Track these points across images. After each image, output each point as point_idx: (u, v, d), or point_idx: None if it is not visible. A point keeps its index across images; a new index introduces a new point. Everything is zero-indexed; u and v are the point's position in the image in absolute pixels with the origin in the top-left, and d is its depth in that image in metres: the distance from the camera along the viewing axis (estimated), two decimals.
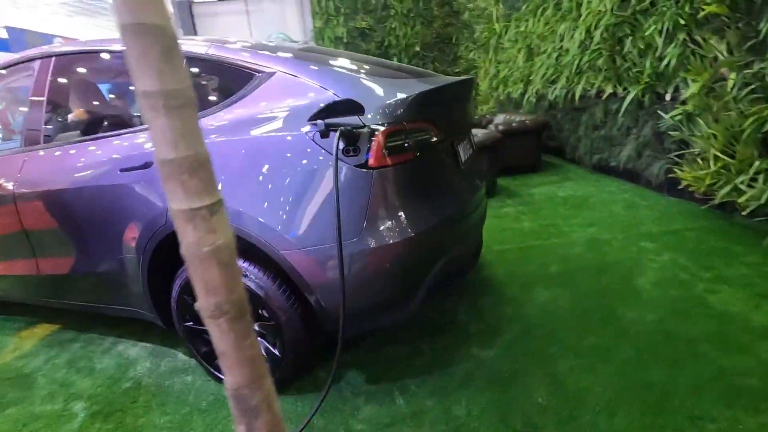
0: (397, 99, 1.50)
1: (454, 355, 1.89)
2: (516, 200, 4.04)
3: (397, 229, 1.47)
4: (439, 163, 1.70)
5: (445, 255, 1.66)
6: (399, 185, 1.49)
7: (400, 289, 1.57)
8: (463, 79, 2.07)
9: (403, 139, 1.49)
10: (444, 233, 1.64)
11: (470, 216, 1.90)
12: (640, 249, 2.75)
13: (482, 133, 4.13)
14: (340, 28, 9.59)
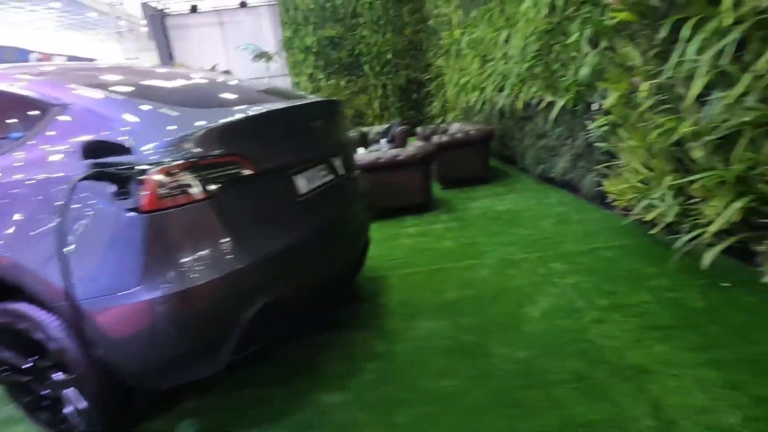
0: (184, 134, 1.37)
1: (303, 401, 1.75)
2: (450, 216, 3.89)
3: (183, 277, 1.33)
4: (257, 197, 1.55)
5: (263, 296, 1.52)
6: (185, 228, 1.35)
7: (199, 340, 1.43)
8: (313, 103, 1.95)
9: (193, 177, 1.35)
10: (260, 273, 1.50)
11: (315, 248, 1.76)
12: (549, 271, 2.59)
13: (415, 146, 3.99)
14: (310, 37, 9.51)
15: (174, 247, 1.34)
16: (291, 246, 1.62)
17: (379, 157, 3.81)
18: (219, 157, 1.42)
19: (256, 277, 1.49)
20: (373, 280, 2.78)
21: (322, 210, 1.85)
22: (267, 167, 1.57)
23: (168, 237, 1.33)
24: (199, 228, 1.38)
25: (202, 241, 1.38)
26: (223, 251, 1.41)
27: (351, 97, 10.07)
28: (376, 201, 3.87)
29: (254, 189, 1.54)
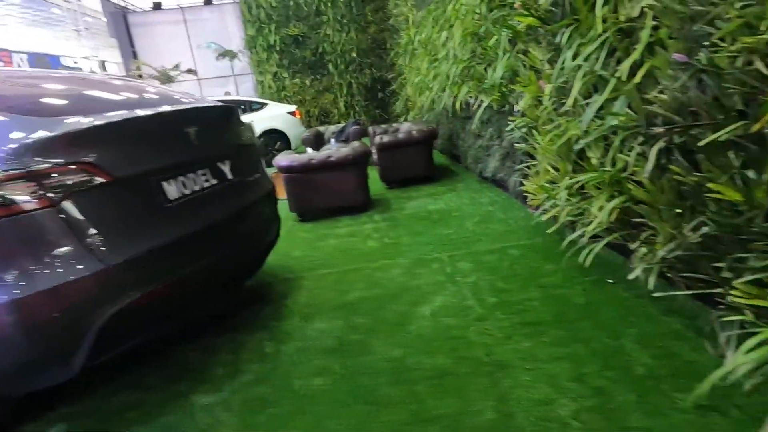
0: (24, 144, 1.38)
1: (177, 403, 1.77)
2: (383, 216, 3.94)
3: (20, 285, 1.35)
4: (113, 204, 1.57)
5: (117, 301, 1.53)
6: (22, 236, 1.36)
7: (46, 347, 1.44)
8: (191, 108, 1.97)
9: (30, 186, 1.37)
10: (111, 279, 1.51)
11: (188, 252, 1.79)
12: (455, 270, 2.66)
13: (348, 147, 4.02)
14: (273, 35, 9.46)
15: (10, 255, 1.35)
16: (153, 251, 1.64)
17: (311, 159, 3.83)
18: (61, 166, 1.43)
19: (107, 282, 1.51)
20: (287, 281, 2.82)
21: (200, 214, 1.88)
22: (125, 174, 1.59)
23: (3, 245, 1.34)
24: (40, 236, 1.39)
25: (43, 249, 1.40)
26: (67, 258, 1.43)
27: (316, 96, 10.06)
28: (312, 202, 3.91)
29: (109, 196, 1.56)
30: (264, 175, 2.50)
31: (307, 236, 3.65)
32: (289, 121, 7.70)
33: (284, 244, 3.48)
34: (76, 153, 1.47)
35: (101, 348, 1.54)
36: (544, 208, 2.75)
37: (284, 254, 3.30)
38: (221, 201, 2.01)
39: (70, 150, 1.46)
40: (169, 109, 1.85)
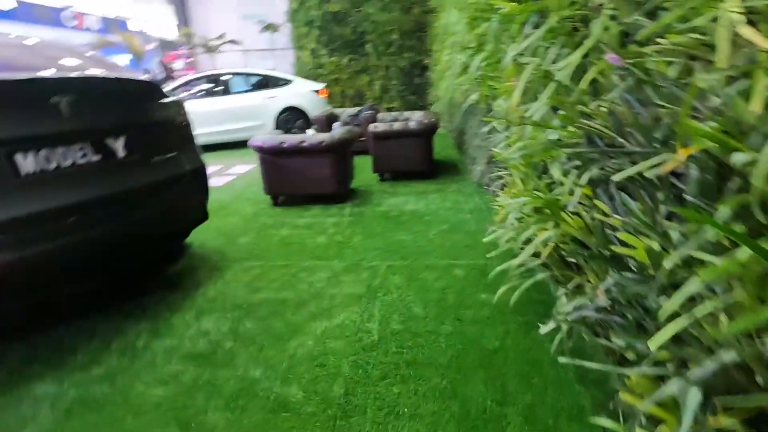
0: None
1: (13, 386, 1.69)
2: (355, 210, 3.69)
3: None
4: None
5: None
6: None
7: None
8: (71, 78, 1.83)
9: None
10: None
11: (45, 230, 1.67)
12: (383, 283, 2.37)
13: (327, 134, 3.78)
14: (314, 10, 9.28)
15: None
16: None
17: (283, 142, 3.64)
18: None
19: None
20: (213, 269, 2.67)
21: (68, 190, 1.75)
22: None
23: None
24: None
25: None
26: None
27: (352, 76, 9.81)
28: (285, 187, 3.73)
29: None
30: (186, 156, 2.34)
31: (265, 222, 3.50)
32: (313, 99, 7.54)
33: (239, 229, 3.36)
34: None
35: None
36: (492, 227, 2.36)
37: (232, 239, 3.17)
38: (103, 178, 1.87)
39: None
40: (36, 77, 1.72)
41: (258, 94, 7.32)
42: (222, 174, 5.50)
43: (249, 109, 7.17)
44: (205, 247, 3.04)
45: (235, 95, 7.29)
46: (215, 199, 4.25)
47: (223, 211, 3.88)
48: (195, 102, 6.96)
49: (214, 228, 3.37)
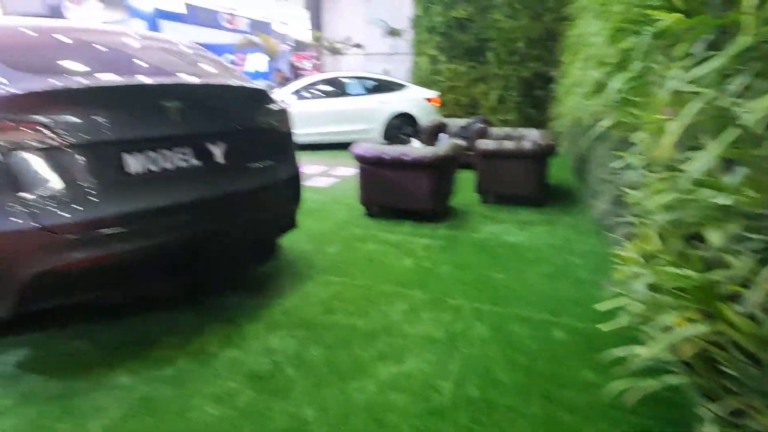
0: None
1: (86, 377, 1.80)
2: (448, 233, 3.42)
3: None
4: (63, 167, 1.58)
5: (47, 264, 1.57)
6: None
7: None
8: (186, 85, 1.89)
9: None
10: (44, 238, 1.55)
11: (143, 229, 1.75)
12: (465, 329, 2.08)
13: (430, 148, 3.55)
14: (438, 16, 9.13)
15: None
16: (95, 220, 1.63)
17: (384, 153, 3.52)
18: (14, 122, 1.49)
19: (37, 242, 1.55)
20: (297, 278, 2.65)
21: (167, 192, 1.81)
22: (78, 141, 1.59)
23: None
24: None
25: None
26: (5, 210, 1.50)
27: (469, 85, 9.45)
28: (380, 198, 3.64)
29: (58, 160, 1.57)
30: (283, 164, 2.32)
31: (355, 233, 3.41)
32: (424, 107, 7.41)
33: (329, 236, 3.33)
34: (32, 112, 1.51)
35: (32, 300, 1.61)
36: (610, 286, 1.91)
37: (320, 246, 3.14)
38: (199, 183, 1.91)
39: (28, 109, 1.51)
40: (150, 82, 1.80)
41: (371, 98, 7.43)
42: (326, 175, 5.65)
43: (361, 112, 7.31)
44: (294, 251, 3.05)
45: (350, 98, 7.49)
46: (314, 200, 4.35)
47: (318, 213, 3.92)
48: (313, 102, 7.33)
49: (307, 231, 3.39)
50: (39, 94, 1.54)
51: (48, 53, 1.85)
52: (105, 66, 1.92)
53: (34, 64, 1.71)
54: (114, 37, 2.30)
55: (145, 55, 2.26)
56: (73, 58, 1.90)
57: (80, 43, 2.07)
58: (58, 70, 1.74)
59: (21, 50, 1.79)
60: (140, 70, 2.00)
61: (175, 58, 2.30)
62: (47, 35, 2.02)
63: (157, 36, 2.75)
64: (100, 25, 2.62)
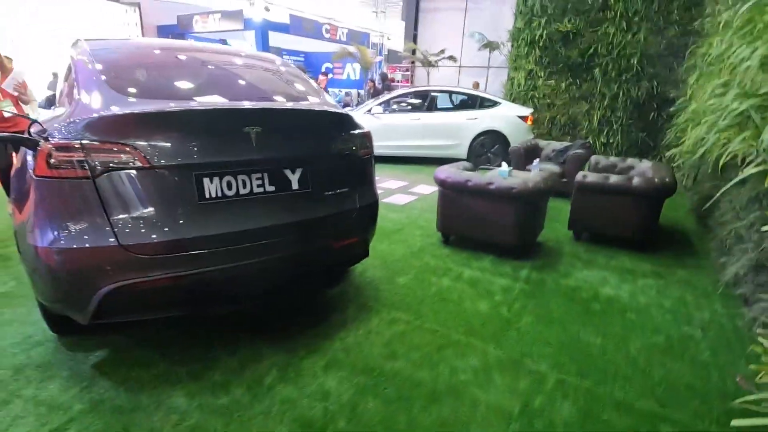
0: (87, 118, 1.54)
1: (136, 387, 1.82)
2: (532, 275, 3.05)
3: (50, 236, 1.55)
4: (145, 188, 1.60)
5: (122, 280, 1.60)
6: (63, 197, 1.54)
7: (62, 293, 1.65)
8: (266, 109, 1.86)
9: (78, 157, 1.51)
10: (118, 257, 1.58)
11: (216, 253, 1.73)
12: (542, 408, 1.77)
13: (525, 179, 3.22)
14: (540, 29, 8.57)
15: (55, 210, 1.55)
16: (173, 242, 1.64)
17: (469, 180, 3.26)
18: (104, 143, 1.54)
19: (115, 258, 1.58)
20: (361, 309, 2.51)
21: (242, 219, 1.78)
22: (162, 163, 1.60)
23: (51, 200, 1.55)
24: (76, 201, 1.55)
25: (77, 213, 1.55)
26: (89, 228, 1.55)
27: (569, 103, 8.74)
28: (459, 227, 3.40)
29: (143, 181, 1.60)
30: (360, 191, 2.21)
31: (429, 263, 3.20)
32: (516, 125, 6.95)
33: (401, 264, 3.17)
34: (122, 135, 1.55)
35: (107, 312, 1.66)
36: (747, 384, 1.46)
37: (391, 275, 2.98)
38: (273, 209, 1.86)
39: (119, 131, 1.56)
40: (234, 107, 1.78)
41: (460, 113, 7.16)
42: (406, 192, 5.51)
43: (448, 127, 7.08)
44: (365, 276, 2.93)
45: (438, 112, 7.29)
46: (390, 220, 4.23)
47: (394, 236, 3.78)
48: (400, 115, 7.27)
49: (380, 255, 3.27)
50: (129, 116, 1.59)
51: (146, 74, 1.94)
52: (197, 89, 1.96)
53: (132, 84, 1.79)
54: (215, 56, 2.38)
55: (239, 77, 2.30)
56: (171, 80, 1.97)
57: (180, 64, 2.15)
58: (153, 93, 1.80)
59: (121, 69, 1.89)
60: (229, 93, 2.03)
61: (268, 80, 2.32)
62: (149, 56, 2.14)
63: (258, 56, 2.82)
64: (203, 45, 2.76)
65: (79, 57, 1.99)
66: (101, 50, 2.06)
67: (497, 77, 11.18)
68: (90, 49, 2.04)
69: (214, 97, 1.95)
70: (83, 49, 2.05)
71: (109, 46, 2.15)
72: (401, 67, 13.47)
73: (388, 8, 17.58)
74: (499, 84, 10.51)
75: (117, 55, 2.07)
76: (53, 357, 2.00)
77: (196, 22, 14.31)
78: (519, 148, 5.51)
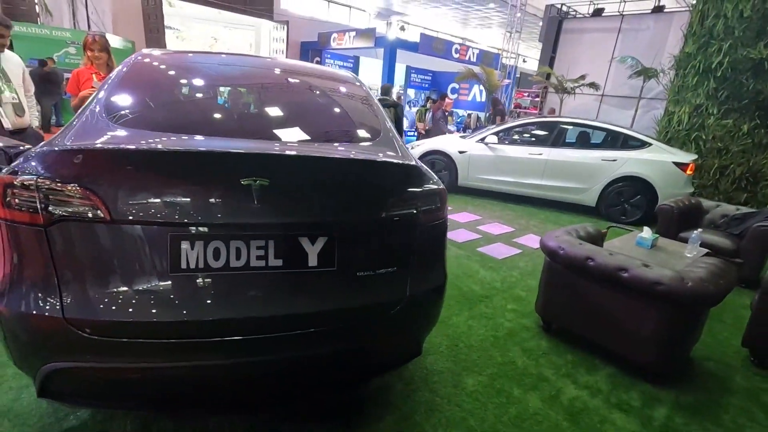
0: (53, 150, 1.18)
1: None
2: (678, 417, 1.99)
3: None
4: (105, 248, 1.18)
5: (64, 361, 1.21)
6: (13, 243, 1.19)
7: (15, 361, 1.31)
8: (276, 155, 1.32)
9: (33, 197, 1.16)
10: (63, 335, 1.18)
11: (190, 346, 1.26)
12: None
13: (679, 272, 2.17)
14: (719, 56, 6.79)
15: (7, 258, 1.22)
16: (134, 325, 1.20)
17: (591, 257, 2.33)
18: (62, 185, 1.15)
19: (59, 335, 1.19)
20: (404, 419, 1.82)
21: (229, 302, 1.26)
22: (126, 218, 1.17)
23: (5, 245, 1.22)
24: (24, 251, 1.20)
25: (26, 266, 1.20)
26: (36, 286, 1.19)
27: (750, 150, 6.76)
28: (568, 315, 2.52)
29: (100, 237, 1.18)
30: (415, 272, 1.54)
31: (516, 362, 2.34)
32: (669, 173, 5.46)
33: (478, 354, 2.39)
34: (80, 176, 1.16)
35: (52, 393, 1.29)
36: None
37: (460, 368, 2.24)
38: (280, 293, 1.31)
39: (81, 171, 1.16)
40: (227, 151, 1.26)
41: (594, 152, 5.91)
42: (509, 241, 4.60)
43: (576, 167, 5.90)
44: (423, 365, 2.23)
45: (566, 149, 6.13)
46: (480, 280, 3.43)
47: (478, 305, 2.99)
48: (519, 147, 6.32)
49: (453, 334, 2.54)
50: (90, 152, 1.20)
51: (161, 96, 1.58)
52: (212, 119, 1.55)
53: (132, 108, 1.42)
54: (266, 76, 1.98)
55: (280, 105, 1.85)
56: (185, 105, 1.60)
57: (214, 83, 1.78)
58: (150, 121, 1.42)
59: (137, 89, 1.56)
60: (251, 128, 1.57)
61: (317, 112, 1.84)
62: (183, 72, 1.81)
63: (326, 74, 2.36)
64: (263, 61, 2.37)
65: (116, 70, 1.72)
66: (143, 64, 1.78)
67: (648, 111, 9.32)
68: (130, 62, 1.77)
69: (231, 131, 1.50)
70: (126, 61, 1.79)
71: (154, 60, 1.86)
72: (531, 92, 12.26)
73: (526, 28, 16.45)
74: (650, 119, 8.74)
75: (145, 70, 1.77)
76: (35, 405, 1.73)
77: (334, 39, 15.09)
78: (671, 207, 4.19)
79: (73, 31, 10.50)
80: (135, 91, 1.60)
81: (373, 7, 19.70)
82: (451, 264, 3.65)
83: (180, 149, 1.27)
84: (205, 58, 2.22)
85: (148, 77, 1.75)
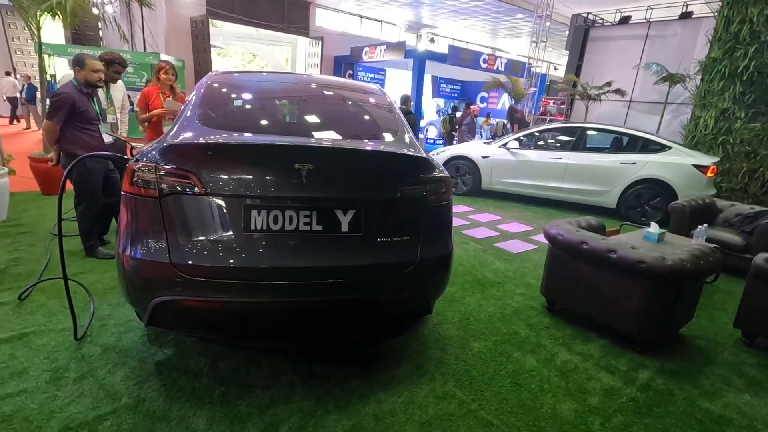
0: (165, 144, 1.70)
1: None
2: (660, 382, 2.29)
3: (126, 245, 1.73)
4: (199, 213, 1.67)
5: (168, 295, 1.70)
6: (137, 211, 1.71)
7: (133, 297, 1.82)
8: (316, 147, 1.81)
9: (153, 177, 1.67)
10: (167, 274, 1.67)
11: (255, 285, 1.73)
12: None
13: (662, 254, 2.46)
14: (745, 60, 6.83)
15: (132, 221, 1.74)
16: (217, 269, 1.68)
17: (585, 242, 2.66)
18: (176, 170, 1.66)
19: (164, 275, 1.68)
20: (415, 371, 2.22)
21: (283, 254, 1.73)
22: (214, 191, 1.66)
23: (130, 213, 1.74)
24: (144, 216, 1.71)
25: (145, 226, 1.71)
26: (152, 243, 1.69)
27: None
28: (569, 296, 2.86)
29: (198, 205, 1.68)
30: (424, 241, 1.96)
31: (518, 333, 2.69)
32: (689, 176, 5.59)
33: (485, 325, 2.76)
34: (182, 161, 1.67)
35: (157, 321, 1.79)
36: None
37: (468, 335, 2.61)
38: (319, 250, 1.77)
39: (180, 158, 1.68)
40: (283, 144, 1.77)
41: (613, 156, 6.13)
42: (525, 238, 4.91)
43: (596, 170, 6.13)
44: (436, 332, 2.62)
45: (587, 153, 6.36)
46: (495, 270, 3.78)
47: (490, 289, 3.35)
48: (540, 152, 6.60)
49: (465, 310, 2.92)
50: (190, 146, 1.72)
51: (231, 105, 2.10)
52: (270, 122, 2.05)
53: (214, 115, 1.94)
54: (306, 90, 2.48)
55: (320, 111, 2.34)
56: (249, 112, 2.11)
57: (266, 95, 2.31)
58: (227, 124, 1.93)
59: (214, 100, 2.10)
60: (299, 129, 2.07)
61: (347, 116, 2.32)
62: (246, 88, 2.35)
63: (355, 87, 2.86)
64: (302, 77, 2.91)
65: (195, 88, 2.26)
66: (215, 82, 2.32)
67: (677, 116, 9.31)
68: (206, 81, 2.30)
69: (285, 131, 2.00)
70: (202, 81, 2.33)
71: (224, 79, 2.40)
72: (557, 99, 12.41)
73: (556, 37, 16.55)
74: (677, 124, 8.76)
75: (219, 86, 2.30)
76: (134, 344, 2.26)
77: (365, 53, 15.79)
78: (683, 205, 4.38)
79: (133, 53, 11.63)
80: (214, 102, 2.13)
81: (404, 21, 20.34)
82: (468, 256, 4.07)
83: (251, 143, 1.77)
84: (259, 76, 2.78)
85: (222, 92, 2.29)
